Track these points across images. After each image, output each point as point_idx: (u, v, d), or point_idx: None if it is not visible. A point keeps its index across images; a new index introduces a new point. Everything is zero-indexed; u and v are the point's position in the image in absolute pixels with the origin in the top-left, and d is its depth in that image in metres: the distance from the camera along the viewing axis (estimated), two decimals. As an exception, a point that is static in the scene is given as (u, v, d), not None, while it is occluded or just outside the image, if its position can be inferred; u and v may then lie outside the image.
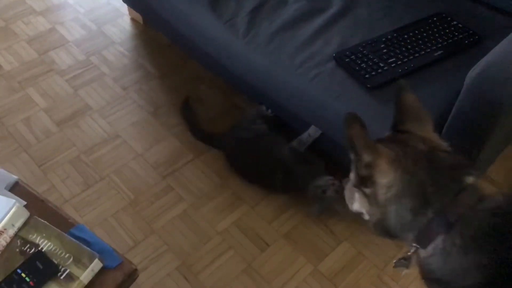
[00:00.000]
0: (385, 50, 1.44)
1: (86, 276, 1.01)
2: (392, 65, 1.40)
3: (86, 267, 1.01)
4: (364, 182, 0.85)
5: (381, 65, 1.40)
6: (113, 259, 1.06)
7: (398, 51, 1.43)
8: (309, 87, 1.44)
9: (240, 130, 1.73)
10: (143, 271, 1.47)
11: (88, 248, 1.04)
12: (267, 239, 1.57)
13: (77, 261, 1.02)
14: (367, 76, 1.39)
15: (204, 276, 1.48)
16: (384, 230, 0.88)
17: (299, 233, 1.59)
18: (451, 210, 0.80)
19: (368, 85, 1.37)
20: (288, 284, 1.47)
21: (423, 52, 1.43)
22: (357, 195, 0.89)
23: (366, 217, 0.91)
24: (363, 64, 1.41)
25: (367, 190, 0.85)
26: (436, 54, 1.43)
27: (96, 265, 1.03)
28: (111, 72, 2.08)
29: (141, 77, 2.06)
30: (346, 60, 1.43)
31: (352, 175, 0.88)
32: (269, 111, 1.74)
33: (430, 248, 0.83)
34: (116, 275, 1.05)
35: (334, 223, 1.61)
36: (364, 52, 1.44)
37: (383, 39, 1.48)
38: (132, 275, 1.08)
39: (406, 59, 1.41)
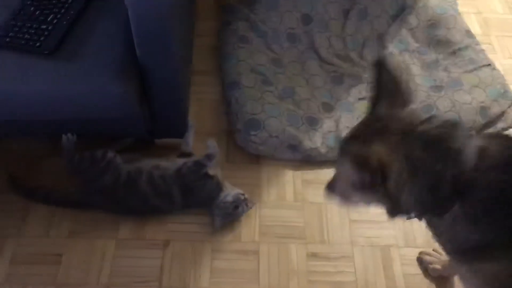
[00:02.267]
0: (37, 12, 1.35)
1: None
2: (55, 22, 1.33)
3: None
4: (375, 185, 0.87)
5: (44, 27, 1.31)
6: None
7: (50, 6, 1.36)
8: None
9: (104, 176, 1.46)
10: None
11: None
12: (57, 251, 1.45)
13: None
14: (38, 44, 1.29)
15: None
16: (399, 213, 0.93)
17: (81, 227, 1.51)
18: (460, 178, 0.84)
19: (46, 52, 1.29)
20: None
21: (73, -4, 1.39)
22: (370, 196, 0.92)
23: (382, 206, 0.94)
24: (27, 36, 1.29)
25: (380, 190, 0.87)
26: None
27: None
28: None
29: None
30: (6, 40, 1.29)
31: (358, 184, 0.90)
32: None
33: (447, 216, 0.90)
34: None
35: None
36: (19, 23, 1.32)
37: (27, 2, 1.37)
38: None
39: (63, 9, 1.35)
